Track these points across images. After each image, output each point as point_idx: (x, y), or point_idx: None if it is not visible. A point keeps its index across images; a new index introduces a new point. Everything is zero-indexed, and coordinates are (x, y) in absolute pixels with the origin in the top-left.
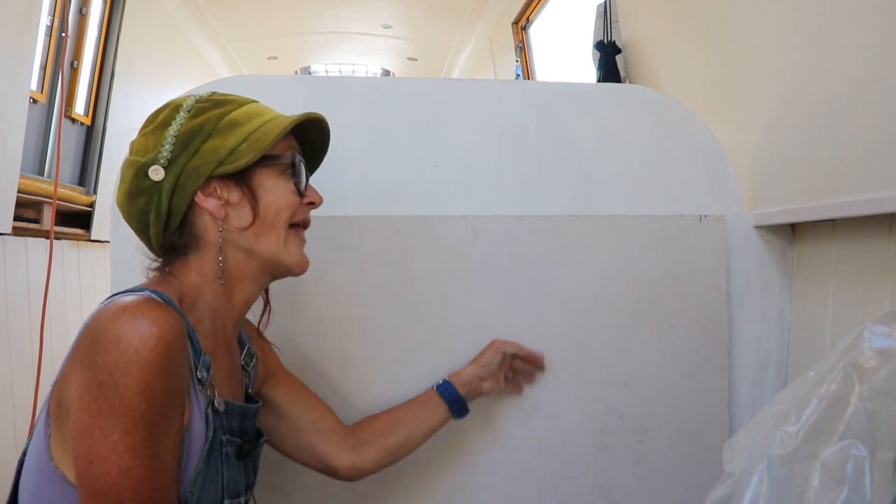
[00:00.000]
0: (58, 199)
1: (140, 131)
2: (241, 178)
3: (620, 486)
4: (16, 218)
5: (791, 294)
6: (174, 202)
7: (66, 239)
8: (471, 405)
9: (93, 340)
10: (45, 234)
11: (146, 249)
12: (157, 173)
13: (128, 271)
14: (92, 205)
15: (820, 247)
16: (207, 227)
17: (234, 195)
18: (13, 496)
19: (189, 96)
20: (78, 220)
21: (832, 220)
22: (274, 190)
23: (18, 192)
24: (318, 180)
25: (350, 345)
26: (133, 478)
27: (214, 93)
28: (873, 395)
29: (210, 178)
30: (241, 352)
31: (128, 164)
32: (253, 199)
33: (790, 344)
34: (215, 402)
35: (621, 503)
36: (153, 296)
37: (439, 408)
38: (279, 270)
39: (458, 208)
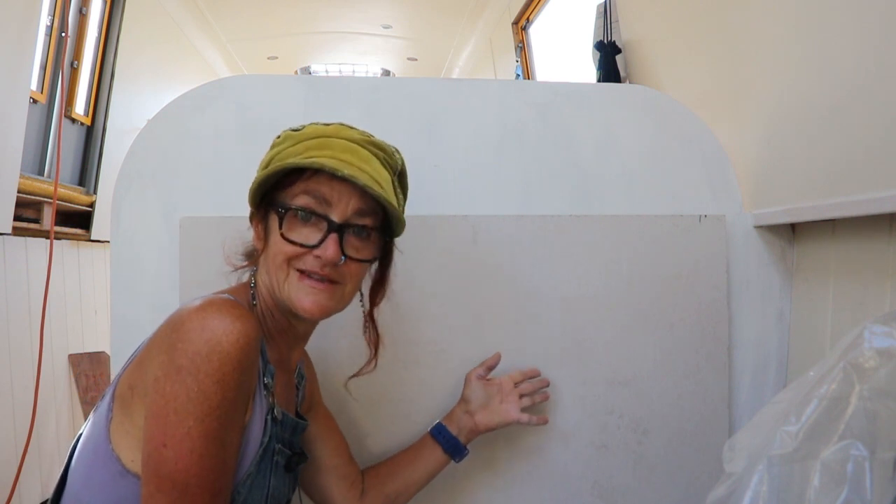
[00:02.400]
0: (58, 199)
1: None
2: (262, 216)
3: (620, 486)
4: (16, 218)
5: (791, 294)
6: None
7: (66, 239)
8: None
9: (175, 327)
10: (45, 234)
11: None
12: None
13: (128, 271)
14: (92, 205)
15: (820, 247)
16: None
17: (260, 229)
18: (62, 479)
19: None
20: (78, 220)
21: (832, 220)
22: (273, 234)
23: (18, 192)
24: None
25: (350, 345)
26: (202, 466)
27: (316, 124)
28: (873, 395)
29: (254, 209)
30: (296, 373)
31: None
32: (264, 237)
33: (790, 344)
34: (275, 409)
35: (621, 503)
36: (234, 300)
37: (434, 451)
38: (286, 306)
39: (458, 208)
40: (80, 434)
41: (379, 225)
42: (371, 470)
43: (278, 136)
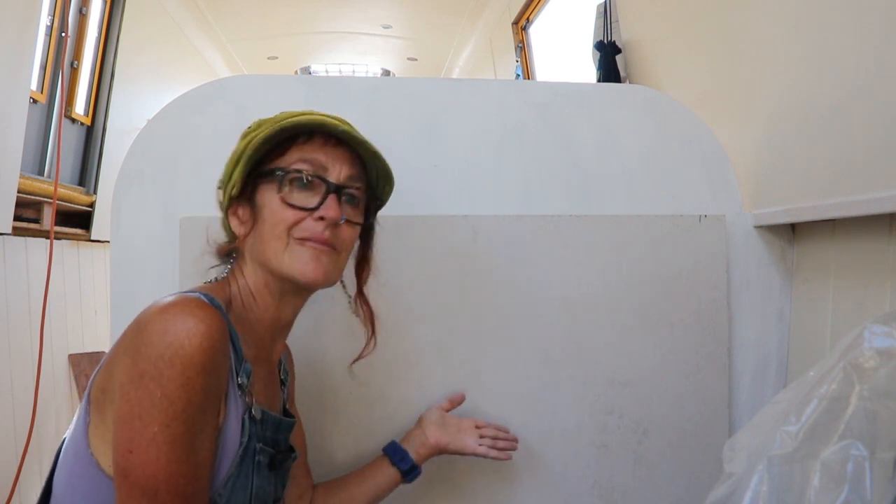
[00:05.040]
0: (58, 199)
1: None
2: (249, 196)
3: (620, 486)
4: (16, 218)
5: (791, 294)
6: (224, 220)
7: (66, 239)
8: (474, 402)
9: (139, 330)
10: (45, 234)
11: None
12: (219, 195)
13: (128, 271)
14: (92, 205)
15: (820, 247)
16: (241, 244)
17: (245, 213)
18: (48, 484)
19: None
20: (78, 220)
21: (832, 220)
22: (269, 205)
23: (18, 192)
24: None
25: (350, 345)
26: (170, 471)
27: (279, 114)
28: (873, 395)
29: (231, 202)
30: (279, 367)
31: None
32: (255, 214)
33: (790, 344)
34: (253, 409)
35: (621, 503)
36: (203, 298)
37: (383, 464)
38: (286, 281)
39: (458, 208)
40: (65, 438)
41: (367, 192)
42: (322, 484)
43: (249, 127)
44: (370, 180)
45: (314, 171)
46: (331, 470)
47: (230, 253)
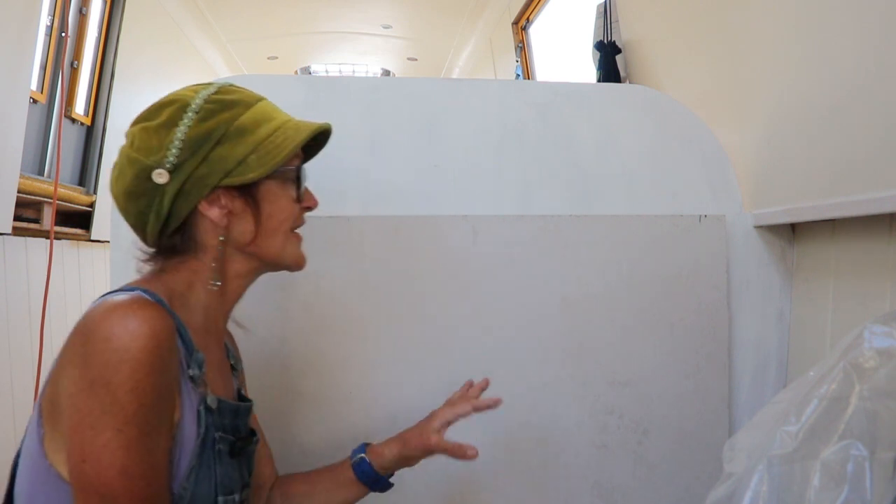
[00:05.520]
0: (58, 199)
1: (140, 124)
2: (247, 188)
3: (620, 486)
4: (16, 218)
5: (791, 294)
6: (176, 207)
7: (66, 239)
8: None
9: (83, 339)
10: (45, 234)
11: (140, 243)
12: (160, 177)
13: (128, 271)
14: (92, 205)
15: (820, 247)
16: (208, 233)
17: (237, 205)
18: (9, 496)
19: (196, 93)
20: (78, 220)
21: (832, 220)
22: (277, 201)
23: (18, 192)
24: (319, 180)
25: (350, 344)
26: (127, 476)
27: (222, 88)
28: (873, 395)
29: (216, 188)
30: (227, 354)
31: (129, 161)
32: (256, 209)
33: (790, 344)
34: (208, 399)
35: (621, 503)
36: (144, 294)
37: (345, 464)
38: (277, 269)
39: (458, 208)
40: (20, 449)
41: None
42: (286, 481)
43: (192, 108)
44: None
45: (302, 165)
46: None
47: (173, 247)
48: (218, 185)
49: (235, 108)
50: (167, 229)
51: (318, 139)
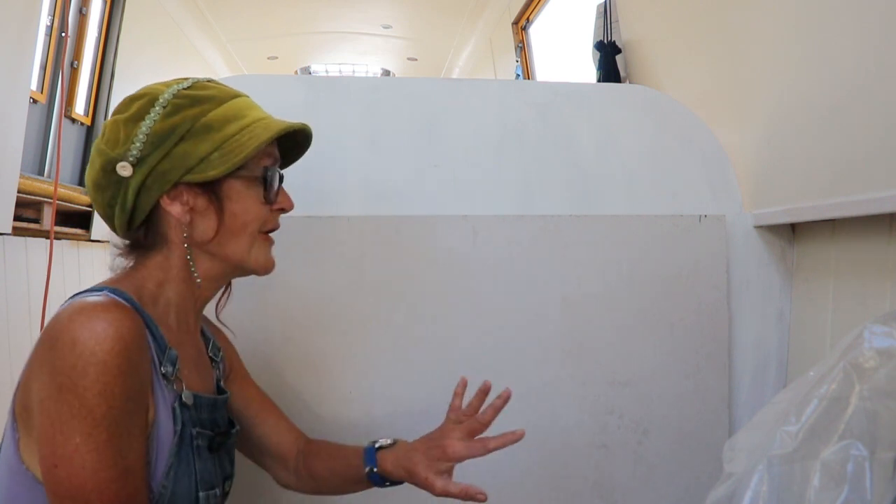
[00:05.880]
0: (58, 199)
1: (113, 116)
2: (210, 186)
3: (620, 486)
4: (16, 218)
5: (791, 294)
6: (139, 201)
7: (66, 239)
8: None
9: (51, 344)
10: (45, 234)
11: (115, 238)
12: (124, 170)
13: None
14: (92, 205)
15: (820, 247)
16: (172, 229)
17: (200, 202)
18: None
19: (167, 87)
20: (78, 220)
21: (832, 220)
22: (242, 201)
23: (18, 192)
24: (319, 180)
25: (350, 344)
26: (98, 479)
27: (197, 83)
28: (873, 395)
29: (177, 183)
30: (207, 346)
31: (97, 152)
32: (219, 208)
33: (790, 344)
34: (183, 395)
35: (621, 503)
36: (111, 295)
37: (358, 450)
38: (243, 272)
39: (458, 208)
40: None
41: None
42: (315, 442)
43: (159, 102)
44: None
45: (277, 165)
46: None
47: (139, 241)
48: (179, 180)
49: (204, 105)
50: (133, 223)
51: (298, 140)
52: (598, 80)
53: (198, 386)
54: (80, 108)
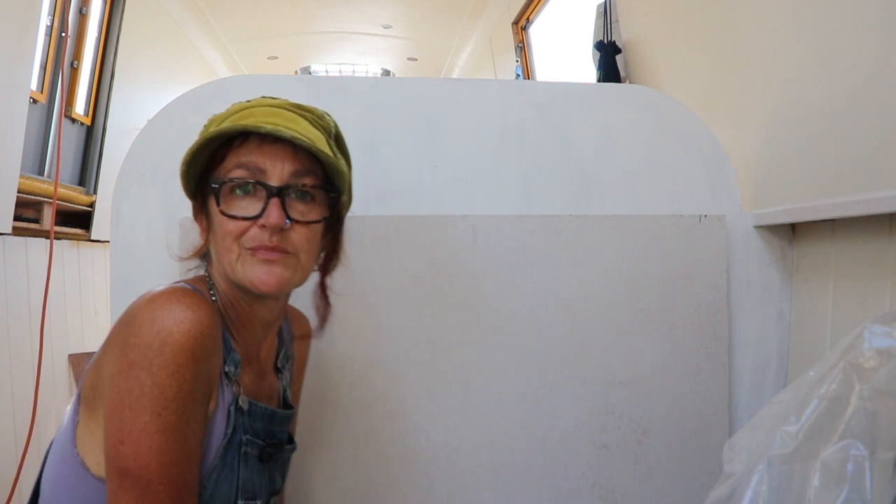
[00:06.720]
0: (58, 199)
1: None
2: (202, 204)
3: (620, 486)
4: (16, 218)
5: (791, 294)
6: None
7: (66, 239)
8: (474, 402)
9: (128, 322)
10: (45, 234)
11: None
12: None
13: (128, 271)
14: (92, 205)
15: (820, 247)
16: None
17: (202, 221)
18: (38, 485)
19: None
20: (78, 220)
21: (832, 220)
22: (215, 216)
23: (18, 192)
24: None
25: (350, 344)
26: (162, 461)
27: (256, 99)
28: (873, 394)
29: (193, 207)
30: (279, 354)
31: None
32: (208, 224)
33: (790, 344)
34: (239, 399)
35: (621, 503)
36: (190, 287)
37: None
38: (247, 292)
39: (458, 208)
40: (54, 439)
41: (321, 184)
42: None
43: (205, 125)
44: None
45: (252, 176)
46: (329, 468)
47: (206, 254)
48: (190, 195)
49: (209, 127)
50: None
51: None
52: (598, 80)
53: (256, 395)
54: (80, 108)
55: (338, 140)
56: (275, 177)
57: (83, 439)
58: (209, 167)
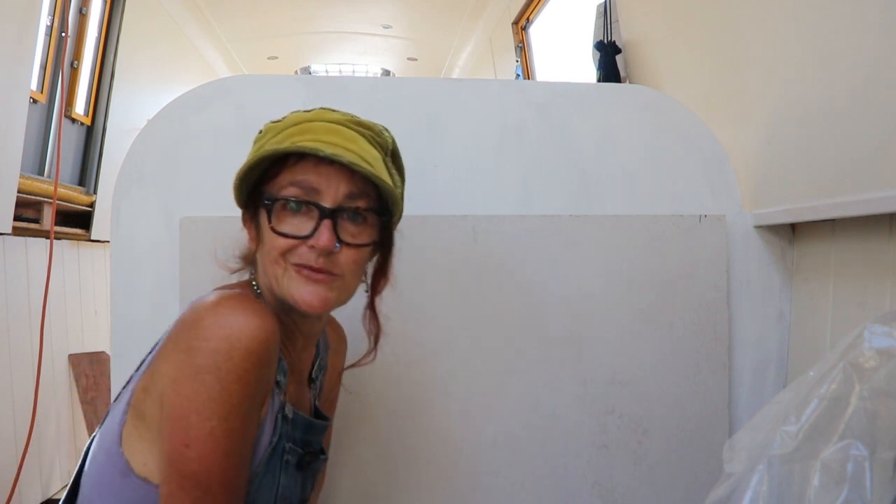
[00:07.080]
0: (58, 199)
1: None
2: (252, 215)
3: (620, 486)
4: (16, 218)
5: (791, 294)
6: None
7: (66, 239)
8: (474, 402)
9: (191, 325)
10: (45, 234)
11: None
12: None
13: (128, 271)
14: (92, 205)
15: (820, 247)
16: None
17: (251, 230)
18: (76, 483)
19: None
20: (78, 220)
21: (832, 220)
22: (265, 229)
23: (18, 192)
24: None
25: (349, 344)
26: (226, 465)
27: (313, 111)
28: (873, 394)
29: (243, 212)
30: (315, 362)
31: None
32: (257, 234)
33: (790, 344)
34: (286, 407)
35: (621, 503)
36: (252, 294)
37: None
38: (290, 307)
39: (458, 208)
40: (94, 436)
41: (374, 207)
42: None
43: (260, 131)
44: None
45: (305, 196)
46: (330, 469)
47: (249, 259)
48: (241, 205)
49: (266, 135)
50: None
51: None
52: (598, 80)
53: (296, 404)
54: (80, 108)
55: (394, 156)
56: (329, 198)
57: (130, 440)
58: (262, 179)
